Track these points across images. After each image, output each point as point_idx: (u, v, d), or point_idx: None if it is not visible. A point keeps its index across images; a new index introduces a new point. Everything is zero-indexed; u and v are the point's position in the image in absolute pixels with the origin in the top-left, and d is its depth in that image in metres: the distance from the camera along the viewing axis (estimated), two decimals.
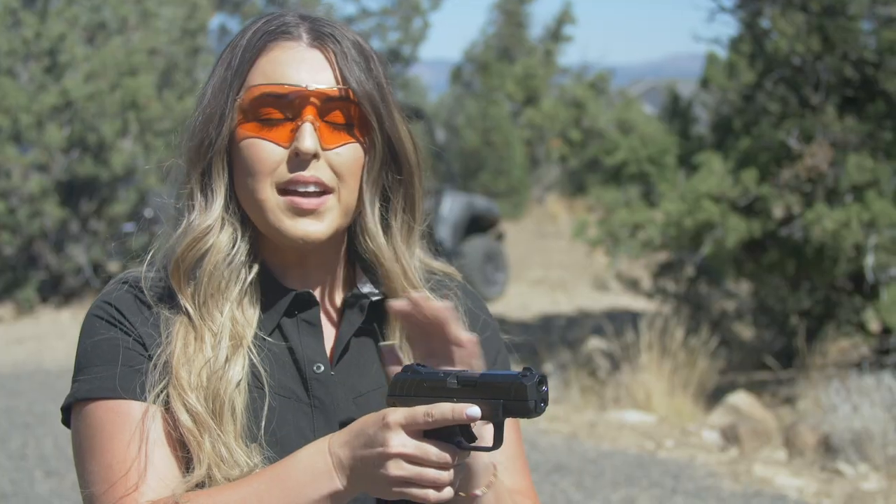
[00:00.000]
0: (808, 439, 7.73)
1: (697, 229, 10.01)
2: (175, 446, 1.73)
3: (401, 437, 1.58)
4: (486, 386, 1.61)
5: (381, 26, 27.66)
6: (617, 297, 15.66)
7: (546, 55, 31.55)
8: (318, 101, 1.77)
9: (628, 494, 7.16)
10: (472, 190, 23.77)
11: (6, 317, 14.92)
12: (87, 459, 1.74)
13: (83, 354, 1.79)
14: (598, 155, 12.20)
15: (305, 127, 1.76)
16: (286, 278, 1.87)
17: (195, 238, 1.79)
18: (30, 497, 7.26)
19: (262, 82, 1.78)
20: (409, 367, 1.68)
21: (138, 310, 1.80)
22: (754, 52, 10.60)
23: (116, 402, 1.73)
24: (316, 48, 1.80)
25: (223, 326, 1.77)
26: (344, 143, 1.79)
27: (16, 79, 15.13)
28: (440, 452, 1.59)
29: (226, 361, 1.76)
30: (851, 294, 10.40)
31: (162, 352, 1.75)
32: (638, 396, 9.19)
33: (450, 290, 1.98)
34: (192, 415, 1.72)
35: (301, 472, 1.65)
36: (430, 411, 1.58)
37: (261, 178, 1.77)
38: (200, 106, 1.83)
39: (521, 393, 1.59)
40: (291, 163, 1.77)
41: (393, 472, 1.59)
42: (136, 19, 16.18)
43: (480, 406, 1.59)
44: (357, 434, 1.63)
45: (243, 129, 1.79)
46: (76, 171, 15.07)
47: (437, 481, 1.59)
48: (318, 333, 1.85)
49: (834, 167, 9.51)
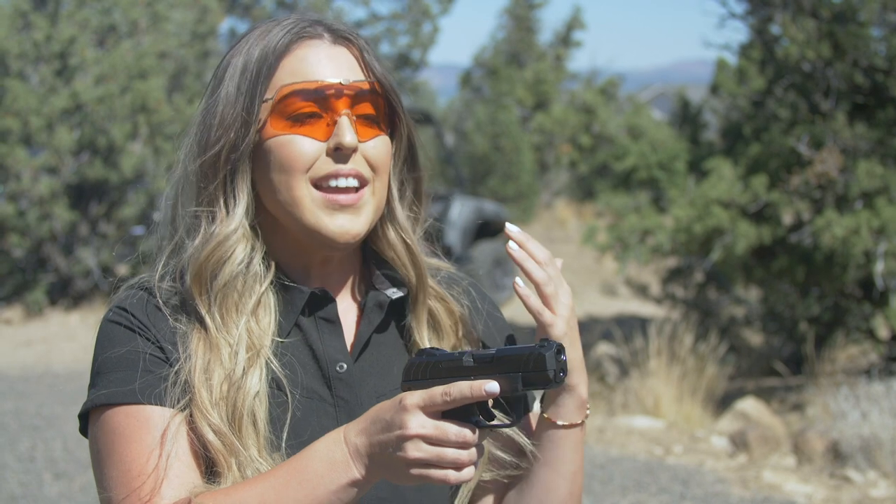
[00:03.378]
0: (816, 446, 7.71)
1: (707, 235, 10.01)
2: (196, 452, 1.73)
3: (419, 417, 1.57)
4: (503, 360, 1.59)
5: (390, 30, 27.70)
6: (626, 303, 15.65)
7: (556, 60, 31.55)
8: (351, 95, 1.78)
9: (637, 500, 7.15)
10: (481, 195, 23.77)
11: (15, 319, 14.94)
12: (106, 465, 1.74)
13: (101, 361, 1.78)
14: (608, 160, 12.21)
15: (343, 121, 1.76)
16: (306, 279, 1.86)
17: (216, 246, 1.78)
18: (38, 499, 7.27)
19: (290, 81, 1.78)
20: (423, 351, 1.67)
21: (156, 317, 1.79)
22: (764, 59, 10.60)
23: (136, 407, 1.72)
24: (340, 45, 1.82)
25: (240, 338, 1.76)
26: (376, 135, 1.81)
27: (26, 81, 15.16)
28: (460, 430, 1.57)
29: (243, 374, 1.75)
30: (861, 301, 10.38)
31: (181, 367, 1.74)
32: (647, 402, 9.18)
33: (460, 286, 1.99)
34: (218, 434, 1.71)
35: (318, 463, 1.64)
36: (447, 390, 1.57)
37: (296, 175, 1.77)
38: (214, 115, 1.81)
39: (541, 363, 1.57)
40: (329, 157, 1.77)
41: (412, 453, 1.57)
42: (146, 23, 16.21)
43: (499, 381, 1.58)
44: (374, 420, 1.62)
45: (273, 129, 1.78)
46: (86, 174, 15.09)
47: (457, 461, 1.58)
48: (337, 331, 1.85)
49: (844, 174, 9.50)
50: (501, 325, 2.03)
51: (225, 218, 1.79)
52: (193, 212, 1.82)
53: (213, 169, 1.80)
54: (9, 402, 9.99)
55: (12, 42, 15.06)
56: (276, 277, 1.83)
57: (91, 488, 7.39)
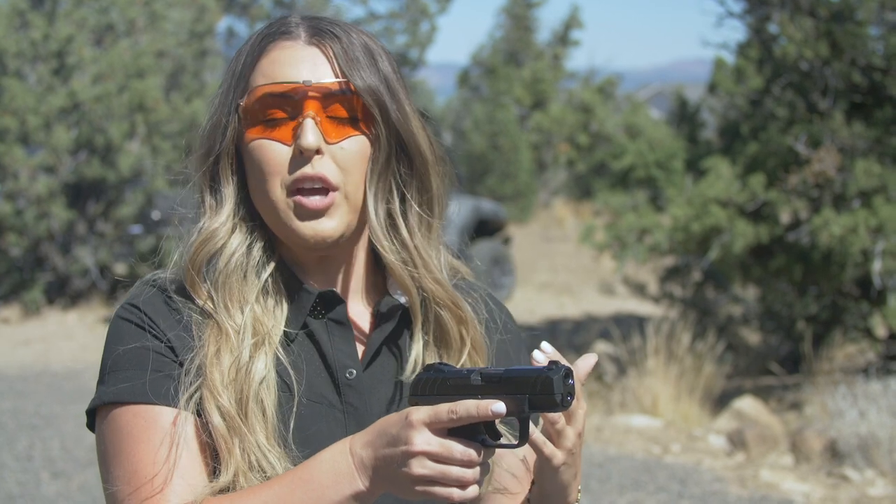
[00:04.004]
0: (814, 444, 7.72)
1: (705, 234, 10.01)
2: (204, 453, 1.73)
3: (425, 434, 1.57)
4: (510, 381, 1.58)
5: (388, 29, 27.72)
6: (624, 302, 15.66)
7: (554, 59, 31.57)
8: (319, 96, 1.76)
9: (635, 499, 7.15)
10: (479, 194, 23.78)
11: (13, 318, 14.93)
12: (112, 464, 1.74)
13: (111, 357, 1.78)
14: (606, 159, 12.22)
15: (306, 123, 1.75)
16: (309, 281, 1.86)
17: (205, 240, 1.79)
18: (36, 498, 7.27)
19: (262, 83, 1.78)
20: (431, 366, 1.66)
21: (168, 313, 1.79)
22: (762, 58, 10.60)
23: (145, 407, 1.72)
24: (314, 45, 1.80)
25: (245, 325, 1.76)
26: (348, 136, 1.78)
27: (24, 80, 15.15)
28: (465, 450, 1.57)
29: (250, 358, 1.74)
30: (858, 299, 10.38)
31: (195, 355, 1.74)
32: (644, 401, 9.19)
33: (477, 293, 1.98)
34: (225, 416, 1.71)
35: (323, 473, 1.64)
36: (454, 408, 1.56)
37: (270, 179, 1.77)
38: (209, 115, 1.84)
39: (548, 386, 1.56)
40: (296, 161, 1.76)
41: (416, 470, 1.57)
42: (144, 21, 16.20)
43: (506, 402, 1.57)
44: (380, 434, 1.61)
45: (250, 133, 1.79)
46: (83, 173, 15.09)
47: (462, 479, 1.57)
48: (348, 335, 1.84)
49: (841, 173, 9.50)
50: (517, 340, 2.02)
51: (214, 214, 1.81)
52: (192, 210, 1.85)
53: (203, 169, 1.83)
54: (7, 401, 9.99)
55: (9, 41, 15.05)
56: (284, 275, 1.83)
57: (88, 487, 7.39)
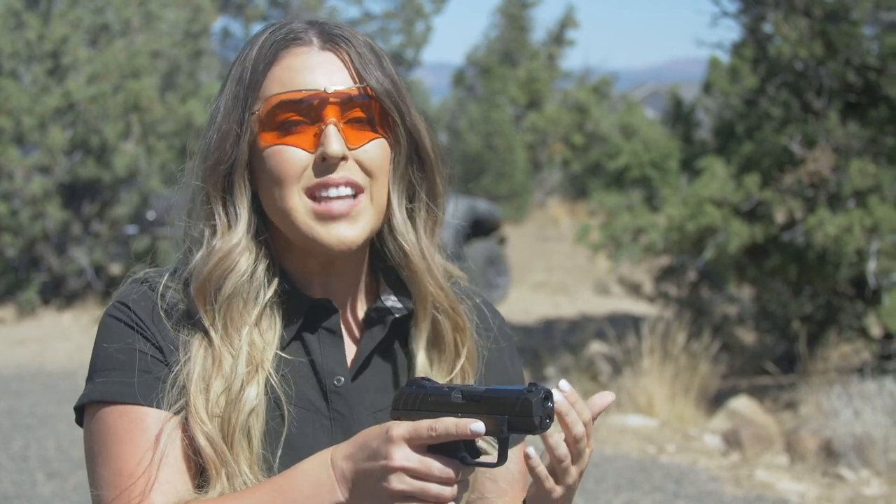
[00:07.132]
0: (809, 444, 7.73)
1: (699, 234, 10.01)
2: (188, 457, 1.73)
3: (404, 450, 1.57)
4: (490, 401, 1.58)
5: (383, 29, 27.70)
6: (619, 302, 15.65)
7: (549, 59, 31.57)
8: (338, 102, 1.75)
9: (630, 498, 7.16)
10: (474, 194, 23.77)
11: (8, 318, 14.92)
12: (98, 463, 1.74)
13: (100, 356, 1.77)
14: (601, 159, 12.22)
15: (330, 130, 1.74)
16: (308, 288, 1.85)
17: (219, 262, 1.77)
18: (32, 499, 7.26)
19: (278, 91, 1.76)
20: (413, 381, 1.66)
21: (158, 316, 1.78)
22: (757, 57, 10.60)
23: (131, 407, 1.72)
24: (328, 50, 1.79)
25: (241, 350, 1.75)
26: (370, 140, 1.77)
27: (19, 81, 15.14)
28: (443, 468, 1.57)
29: (241, 387, 1.74)
30: (853, 299, 10.39)
31: (180, 371, 1.74)
32: (640, 401, 9.19)
33: (472, 300, 1.97)
34: (211, 442, 1.71)
35: (304, 483, 1.64)
36: (433, 426, 1.56)
37: (288, 185, 1.75)
38: (214, 124, 1.81)
39: (527, 409, 1.56)
40: (318, 167, 1.75)
41: (395, 486, 1.57)
42: (139, 22, 16.19)
43: (485, 421, 1.57)
44: (360, 447, 1.61)
45: (264, 140, 1.77)
46: (78, 173, 15.07)
47: (440, 497, 1.57)
48: (338, 343, 1.83)
49: (836, 172, 9.51)
50: (512, 349, 2.01)
51: (227, 232, 1.78)
52: (199, 222, 1.81)
53: (213, 181, 1.79)
54: (2, 401, 9.98)
55: (4, 41, 15.04)
56: (281, 286, 1.82)
57: (84, 487, 7.39)
